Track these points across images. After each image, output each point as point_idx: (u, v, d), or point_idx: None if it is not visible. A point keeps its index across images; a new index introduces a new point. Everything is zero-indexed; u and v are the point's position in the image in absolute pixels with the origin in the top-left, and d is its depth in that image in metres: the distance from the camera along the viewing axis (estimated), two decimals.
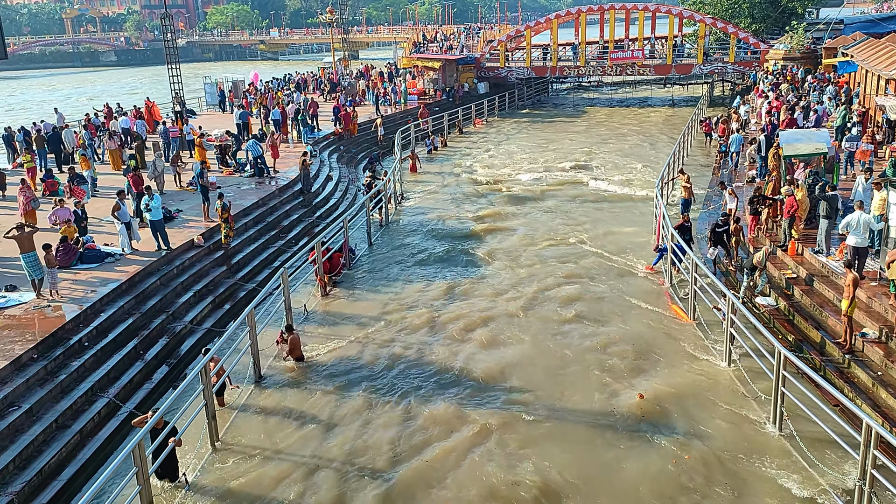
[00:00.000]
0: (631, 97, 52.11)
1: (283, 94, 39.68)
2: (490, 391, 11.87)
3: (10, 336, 12.16)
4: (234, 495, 9.53)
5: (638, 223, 20.90)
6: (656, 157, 29.89)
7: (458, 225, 21.45)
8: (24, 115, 54.03)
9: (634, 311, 14.78)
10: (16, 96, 76.74)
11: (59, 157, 25.79)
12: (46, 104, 61.03)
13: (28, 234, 13.82)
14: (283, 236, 20.31)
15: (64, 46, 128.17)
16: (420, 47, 52.57)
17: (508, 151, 33.09)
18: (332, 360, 13.16)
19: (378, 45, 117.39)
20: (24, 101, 70.08)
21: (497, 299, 15.67)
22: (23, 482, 9.68)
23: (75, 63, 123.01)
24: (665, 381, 11.89)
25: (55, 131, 26.76)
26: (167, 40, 33.71)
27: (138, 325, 13.93)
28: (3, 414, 10.51)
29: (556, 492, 9.36)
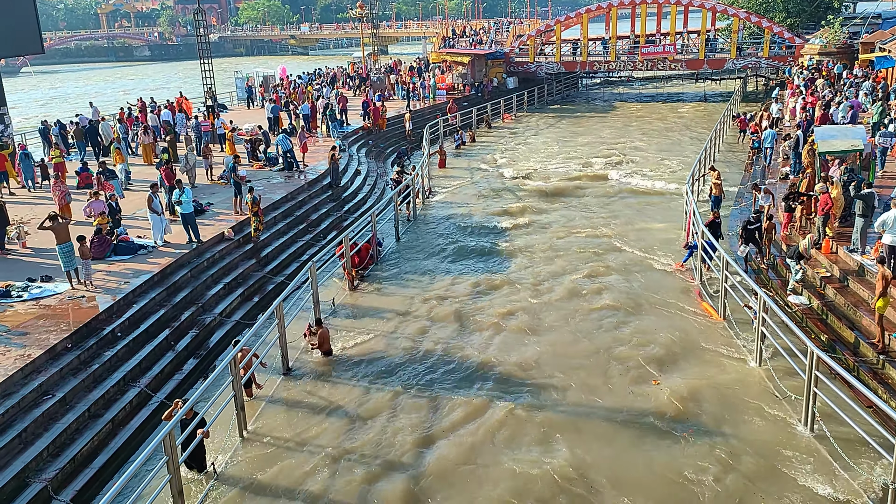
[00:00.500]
0: (662, 92, 51.50)
1: (313, 89, 39.91)
2: (517, 386, 11.84)
3: (45, 326, 12.42)
4: (261, 486, 9.64)
5: (667, 219, 20.67)
6: (687, 154, 29.52)
7: (485, 220, 21.41)
8: (61, 108, 55.08)
9: (663, 308, 14.63)
10: (52, 90, 78.25)
11: (97, 150, 26.47)
12: (82, 98, 62.16)
13: (63, 225, 14.11)
14: (312, 230, 20.46)
15: (99, 41, 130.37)
16: (449, 42, 52.49)
17: (537, 146, 32.93)
18: (359, 353, 13.23)
19: (407, 40, 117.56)
20: (60, 95, 71.43)
21: (524, 294, 15.62)
22: (56, 469, 9.88)
23: (110, 58, 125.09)
24: (694, 379, 11.76)
25: (91, 124, 27.32)
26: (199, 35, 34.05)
27: (169, 317, 14.14)
28: (38, 402, 10.74)
29: (583, 487, 9.30)
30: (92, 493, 9.91)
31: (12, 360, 11.14)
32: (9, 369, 10.87)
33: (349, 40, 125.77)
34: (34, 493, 9.40)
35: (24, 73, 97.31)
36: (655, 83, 54.51)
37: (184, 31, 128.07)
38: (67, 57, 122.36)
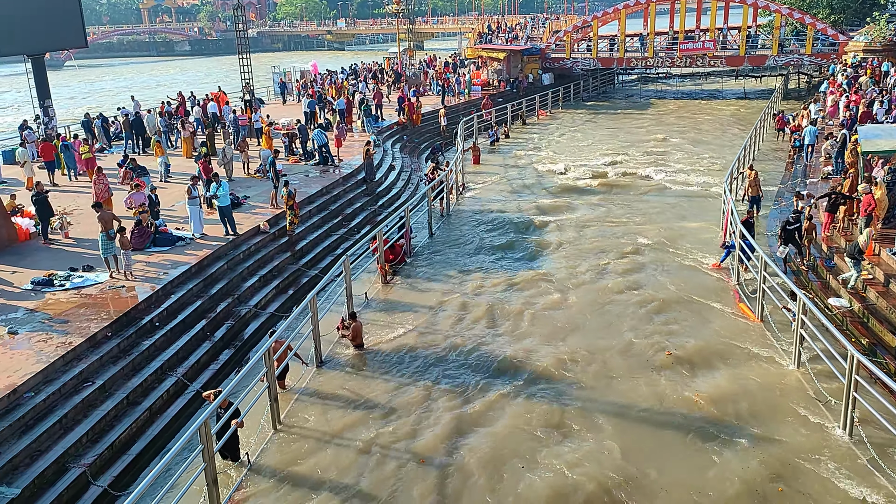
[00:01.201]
0: (700, 89, 50.73)
1: (349, 84, 40.14)
2: (549, 383, 11.79)
3: (86, 314, 12.71)
4: (293, 476, 9.75)
5: (704, 218, 20.37)
6: (725, 152, 29.04)
7: (519, 216, 21.33)
8: (104, 101, 56.24)
9: (699, 308, 14.43)
10: (95, 84, 79.88)
11: (143, 141, 27.22)
12: (123, 91, 63.38)
13: (108, 214, 14.51)
14: (346, 224, 20.60)
15: (140, 36, 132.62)
16: (485, 38, 52.35)
17: (572, 143, 32.70)
18: (391, 347, 13.30)
19: (443, 36, 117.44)
20: (103, 89, 72.92)
21: (557, 291, 15.53)
22: (94, 455, 10.12)
23: (151, 52, 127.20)
24: (730, 381, 11.59)
25: (137, 115, 27.97)
26: (239, 31, 34.45)
27: (206, 308, 14.37)
28: (78, 389, 11.00)
29: (615, 486, 9.24)
30: (129, 479, 10.13)
31: (54, 348, 11.42)
32: (50, 356, 11.15)
33: (385, 36, 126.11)
34: (73, 479, 9.64)
35: (68, 66, 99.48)
36: (694, 80, 53.70)
37: (223, 27, 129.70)
38: (110, 51, 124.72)
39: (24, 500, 9.08)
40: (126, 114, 28.67)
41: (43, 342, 11.63)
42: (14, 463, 9.43)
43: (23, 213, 17.84)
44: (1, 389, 10.18)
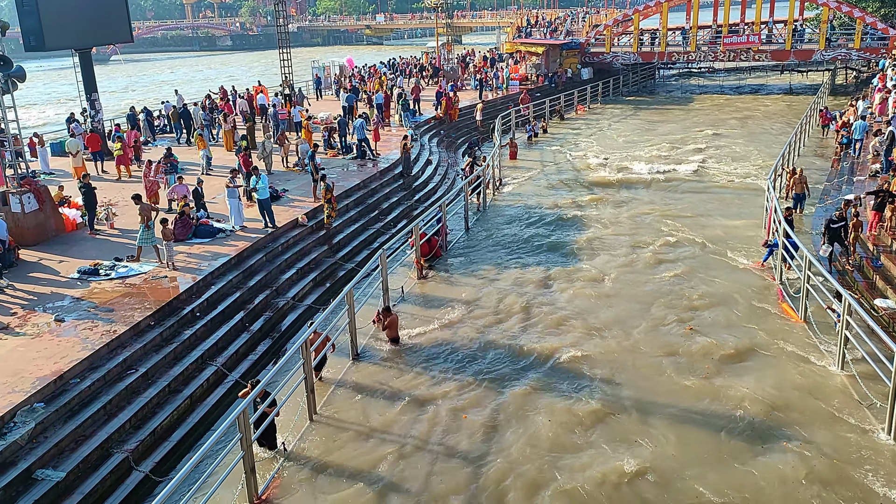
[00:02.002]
0: (744, 84, 49.73)
1: (387, 79, 40.28)
2: (586, 380, 11.71)
3: (130, 304, 13.01)
4: (329, 467, 9.86)
5: (747, 216, 19.99)
6: (769, 148, 28.45)
7: (555, 212, 21.20)
8: (147, 95, 57.36)
9: (741, 307, 14.18)
10: (139, 78, 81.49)
11: (188, 132, 27.98)
12: (167, 85, 64.57)
13: (147, 206, 14.82)
14: (383, 218, 20.71)
15: (184, 31, 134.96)
16: (523, 32, 52.02)
17: (610, 139, 32.36)
18: (426, 342, 13.34)
19: (481, 30, 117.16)
20: (147, 83, 74.36)
21: (594, 288, 15.41)
22: (137, 441, 10.37)
23: (194, 47, 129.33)
24: (772, 383, 11.37)
25: (185, 108, 28.54)
26: (279, 25, 34.87)
27: (245, 299, 14.59)
28: (122, 376, 11.28)
29: (652, 487, 9.15)
30: (170, 465, 10.36)
31: (99, 336, 11.72)
32: (96, 344, 11.44)
33: (423, 30, 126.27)
34: (116, 463, 9.89)
35: (114, 60, 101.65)
36: (737, 75, 52.68)
37: (264, 22, 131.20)
38: (154, 46, 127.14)
39: (69, 484, 9.34)
40: (173, 106, 29.40)
41: (88, 330, 11.94)
42: (60, 447, 9.71)
43: (70, 203, 18.32)
44: (48, 375, 10.49)
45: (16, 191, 16.17)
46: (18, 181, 16.43)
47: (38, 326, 12.13)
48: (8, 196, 16.13)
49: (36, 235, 16.41)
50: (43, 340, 11.61)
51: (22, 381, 10.33)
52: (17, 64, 15.63)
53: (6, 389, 10.11)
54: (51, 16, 21.23)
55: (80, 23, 22.69)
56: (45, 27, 21.06)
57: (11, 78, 15.62)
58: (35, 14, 20.75)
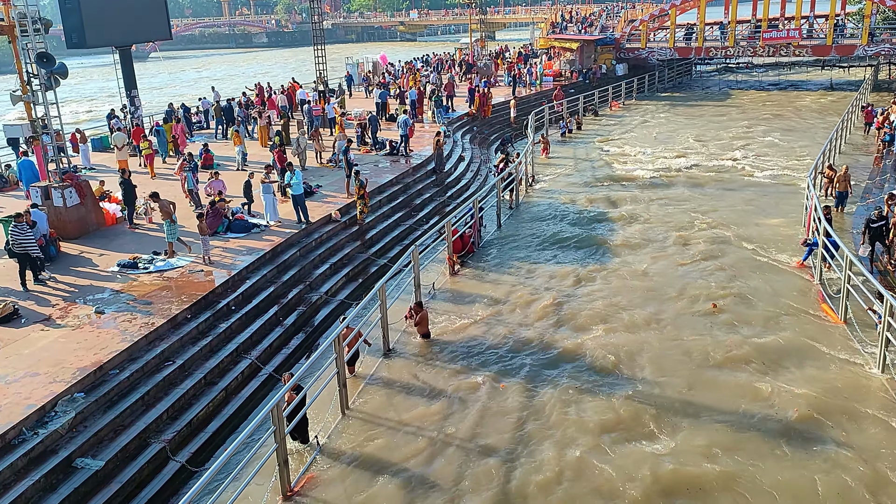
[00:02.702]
0: (784, 80, 48.78)
1: (421, 75, 40.33)
2: (618, 380, 11.60)
3: (167, 297, 13.24)
4: (361, 461, 9.93)
5: (785, 214, 19.62)
6: (809, 145, 27.88)
7: (589, 210, 21.03)
8: (185, 91, 58.23)
9: (779, 307, 13.92)
10: (177, 74, 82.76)
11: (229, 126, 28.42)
12: (204, 82, 65.49)
13: (166, 203, 15.21)
14: (415, 214, 20.77)
15: (220, 28, 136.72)
16: (558, 27, 51.65)
17: (646, 135, 31.99)
18: (457, 338, 13.35)
19: (515, 26, 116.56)
20: (186, 80, 75.49)
21: (626, 287, 15.26)
22: (174, 431, 10.56)
23: (230, 44, 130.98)
24: (812, 385, 11.15)
25: (229, 103, 29.27)
26: (314, 22, 35.12)
27: (278, 293, 14.75)
28: (160, 367, 11.49)
29: (688, 489, 9.05)
30: (205, 456, 10.53)
31: (138, 328, 11.95)
32: (134, 335, 11.67)
33: (457, 26, 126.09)
34: (153, 453, 10.09)
35: (152, 57, 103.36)
36: (777, 70, 51.68)
37: (299, 19, 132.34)
38: (192, 43, 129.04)
39: (108, 473, 9.55)
40: (216, 101, 29.96)
41: (127, 322, 12.18)
42: (99, 436, 9.92)
43: (110, 198, 18.71)
44: (88, 366, 10.73)
45: (58, 185, 16.56)
46: (60, 176, 16.82)
47: (79, 318, 12.41)
48: (50, 190, 16.53)
49: (77, 229, 16.79)
50: (83, 332, 11.88)
51: (63, 371, 10.59)
52: (59, 61, 15.98)
53: (48, 379, 10.36)
54: (92, 14, 21.69)
55: (120, 21, 23.15)
56: (87, 25, 21.54)
57: (54, 75, 15.97)
58: (77, 12, 21.23)
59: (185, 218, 16.75)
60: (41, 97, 16.16)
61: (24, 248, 13.61)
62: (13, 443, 9.26)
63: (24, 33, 15.72)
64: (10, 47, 16.08)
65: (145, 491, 9.65)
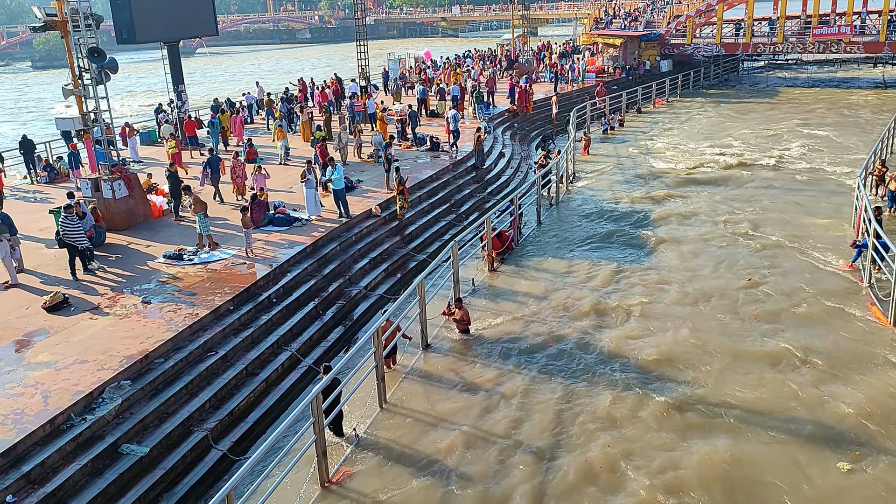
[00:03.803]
0: (834, 77, 47.50)
1: (462, 71, 40.29)
2: (658, 383, 11.45)
3: (211, 288, 13.49)
4: (398, 455, 9.99)
5: (834, 215, 19.12)
6: (860, 144, 27.11)
7: (630, 208, 20.79)
8: (231, 86, 59.16)
9: (826, 310, 13.58)
10: (224, 69, 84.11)
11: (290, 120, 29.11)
12: (249, 77, 66.46)
13: (197, 197, 15.68)
14: (455, 210, 20.77)
15: (265, 24, 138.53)
16: (607, 20, 51.06)
17: (690, 132, 31.48)
18: (496, 335, 13.33)
19: (558, 22, 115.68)
20: (231, 74, 76.69)
21: (668, 287, 15.05)
22: (216, 420, 10.76)
23: (275, 40, 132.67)
24: (862, 389, 10.86)
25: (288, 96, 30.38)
26: (357, 18, 35.33)
27: (319, 287, 14.91)
28: (203, 357, 11.72)
29: (730, 494, 8.91)
30: (246, 445, 10.72)
31: (182, 318, 12.21)
32: (179, 326, 11.93)
33: (499, 22, 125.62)
34: (196, 441, 10.30)
35: (199, 53, 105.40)
36: (827, 67, 50.36)
37: (342, 15, 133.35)
38: (237, 39, 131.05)
39: (152, 459, 9.78)
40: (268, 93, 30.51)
41: (173, 312, 12.45)
42: (144, 423, 10.17)
43: (157, 191, 19.12)
44: (135, 354, 10.99)
45: (107, 178, 16.99)
46: (110, 168, 17.25)
47: (126, 307, 12.73)
48: (100, 182, 16.97)
49: (125, 220, 17.21)
50: (130, 321, 12.18)
51: (110, 359, 10.87)
52: (109, 56, 16.38)
53: (96, 366, 10.65)
54: (142, 10, 22.18)
55: (169, 17, 23.62)
56: (137, 21, 22.02)
57: (105, 69, 16.37)
58: (127, 8, 21.72)
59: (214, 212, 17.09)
60: (92, 91, 16.59)
61: (72, 239, 14.00)
62: (62, 428, 9.54)
63: (76, 29, 16.15)
64: (63, 42, 16.51)
65: (188, 478, 9.86)
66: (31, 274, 14.50)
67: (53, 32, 17.35)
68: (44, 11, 16.70)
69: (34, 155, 23.19)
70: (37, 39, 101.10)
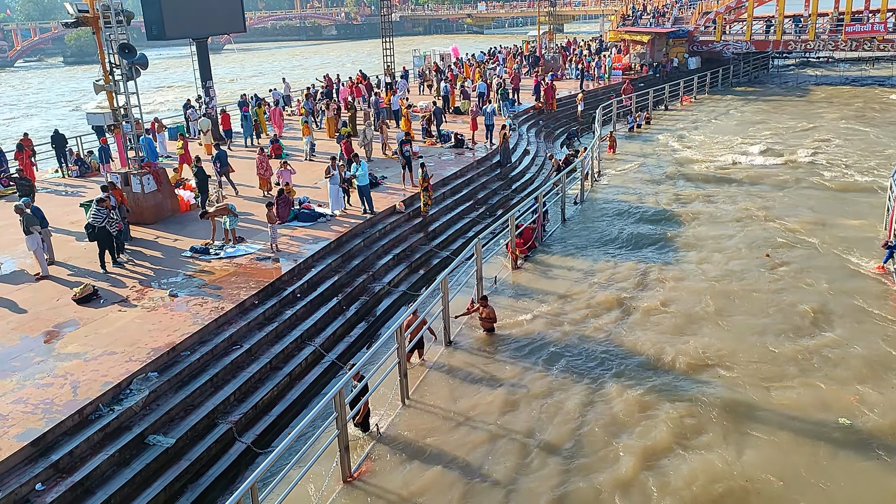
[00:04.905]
0: (866, 76, 46.65)
1: (488, 68, 40.20)
2: (684, 382, 11.34)
3: (236, 283, 13.62)
4: (420, 451, 10.01)
5: (866, 215, 18.79)
6: (891, 144, 26.60)
7: (655, 207, 20.60)
8: (258, 82, 59.62)
9: (857, 313, 13.36)
10: (250, 66, 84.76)
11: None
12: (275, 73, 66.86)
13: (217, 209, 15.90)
14: (479, 207, 20.75)
15: (292, 21, 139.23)
16: (630, 19, 50.63)
17: (717, 131, 31.10)
18: (519, 332, 13.30)
19: (584, 18, 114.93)
20: (258, 71, 77.27)
21: (693, 287, 14.90)
22: (240, 413, 10.87)
23: (301, 37, 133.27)
24: (891, 395, 10.68)
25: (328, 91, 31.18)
26: (383, 15, 35.42)
27: (342, 282, 14.98)
28: (228, 351, 11.84)
29: (761, 498, 8.81)
30: (269, 438, 10.82)
31: (208, 311, 12.34)
32: (205, 319, 12.06)
33: (525, 19, 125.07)
34: (220, 433, 10.41)
35: (227, 49, 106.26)
36: (860, 65, 49.45)
37: (368, 11, 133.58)
38: (264, 35, 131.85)
39: (178, 450, 9.90)
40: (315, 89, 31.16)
41: (199, 306, 12.59)
42: (170, 415, 10.30)
43: (185, 185, 19.33)
44: (162, 347, 11.14)
45: (137, 172, 17.22)
46: (139, 163, 17.48)
47: (154, 300, 12.90)
48: (130, 177, 17.20)
49: (154, 215, 17.43)
50: (158, 314, 12.34)
51: (138, 350, 11.02)
52: (140, 52, 16.58)
53: (124, 358, 10.81)
54: (172, 7, 22.40)
55: (198, 13, 23.84)
56: (166, 17, 22.23)
57: (135, 65, 16.57)
58: (157, 5, 21.95)
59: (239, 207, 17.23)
60: (122, 87, 16.81)
61: (103, 224, 14.16)
62: (90, 418, 9.70)
63: (107, 25, 16.36)
64: (95, 38, 16.73)
65: (212, 469, 9.98)
66: (62, 266, 14.75)
67: (85, 28, 17.57)
68: (76, 8, 16.93)
69: (66, 149, 23.58)
70: (69, 35, 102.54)
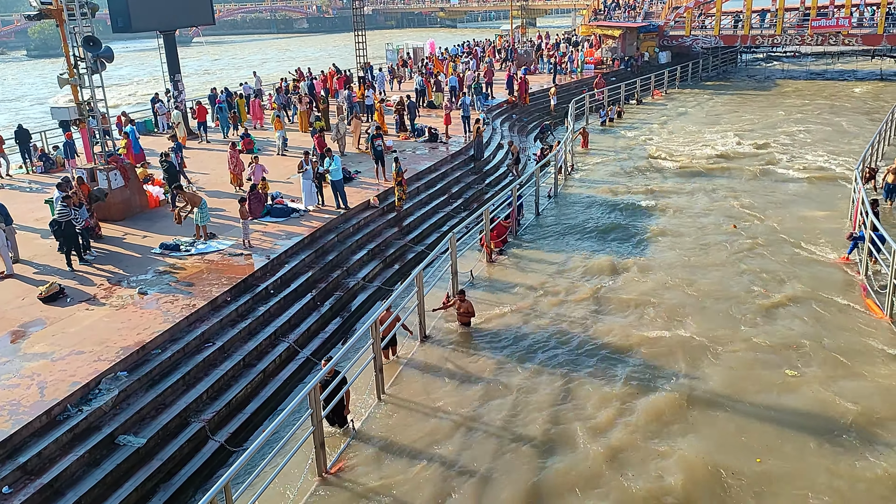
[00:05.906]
0: (831, 70, 47.48)
1: (460, 62, 40.14)
2: (657, 374, 11.44)
3: (208, 279, 13.45)
4: (396, 446, 9.98)
5: (830, 207, 19.14)
6: (857, 137, 27.11)
7: (628, 200, 20.76)
8: (227, 76, 58.89)
9: (822, 303, 13.61)
10: (220, 59, 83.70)
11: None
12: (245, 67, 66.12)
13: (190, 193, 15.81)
14: (453, 202, 20.74)
15: (262, 14, 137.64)
16: (601, 14, 50.93)
17: (687, 124, 31.44)
18: (495, 326, 13.32)
19: (556, 13, 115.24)
20: (227, 64, 76.30)
21: (666, 280, 15.04)
22: (213, 411, 10.74)
23: (271, 29, 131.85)
24: (857, 383, 10.89)
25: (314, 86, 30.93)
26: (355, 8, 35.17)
27: (316, 278, 14.88)
28: (200, 348, 11.70)
29: (730, 489, 8.93)
30: (243, 436, 10.71)
31: (179, 309, 12.17)
32: (176, 317, 11.89)
33: (497, 13, 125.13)
34: (193, 432, 10.28)
35: (195, 42, 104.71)
36: (825, 60, 50.32)
37: (340, 4, 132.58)
38: (234, 28, 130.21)
39: (149, 450, 9.77)
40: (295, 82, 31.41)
41: (169, 303, 12.41)
42: (141, 414, 10.15)
43: (154, 181, 19.03)
44: (131, 345, 10.96)
45: (103, 167, 16.90)
46: (106, 158, 17.16)
47: (123, 298, 12.68)
48: (96, 172, 16.88)
49: (122, 211, 17.13)
50: (127, 312, 12.14)
51: (107, 350, 10.84)
52: (105, 45, 16.25)
53: (92, 358, 10.62)
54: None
55: (165, 5, 23.45)
56: (132, 9, 21.86)
57: (100, 58, 16.26)
58: None
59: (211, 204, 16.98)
60: (87, 80, 16.48)
61: (67, 218, 13.88)
62: (59, 419, 9.52)
63: (71, 17, 16.02)
64: (59, 31, 16.38)
65: (185, 468, 9.86)
66: (27, 264, 14.45)
67: (49, 21, 17.17)
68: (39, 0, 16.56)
69: (30, 144, 23.07)
70: (32, 28, 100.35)
